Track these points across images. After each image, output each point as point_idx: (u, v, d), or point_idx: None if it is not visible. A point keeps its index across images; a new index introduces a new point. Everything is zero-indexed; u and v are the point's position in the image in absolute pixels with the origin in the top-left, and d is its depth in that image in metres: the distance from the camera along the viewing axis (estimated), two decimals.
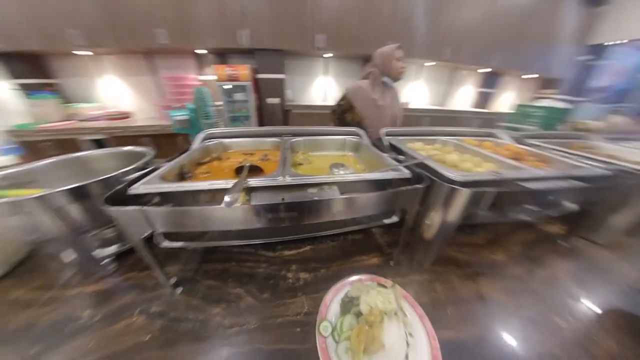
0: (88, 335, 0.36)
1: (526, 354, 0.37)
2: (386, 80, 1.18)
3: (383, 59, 1.14)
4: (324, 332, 0.35)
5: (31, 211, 0.38)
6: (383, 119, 1.20)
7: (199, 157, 0.51)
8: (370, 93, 1.17)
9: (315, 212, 0.33)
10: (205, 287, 0.44)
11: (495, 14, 2.67)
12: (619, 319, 0.43)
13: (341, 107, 1.26)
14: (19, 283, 0.46)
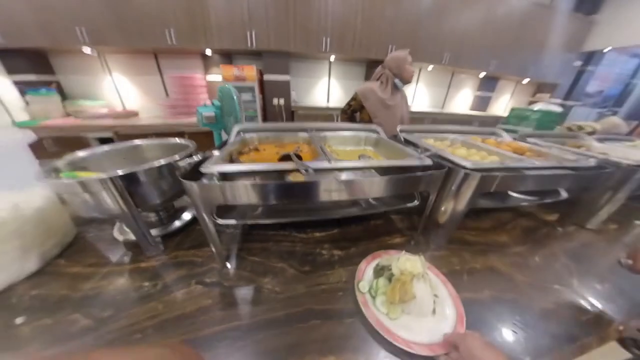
0: (153, 302, 0.41)
1: (528, 309, 0.44)
2: (397, 82, 1.26)
3: (398, 62, 1.22)
4: (362, 289, 0.41)
5: (99, 191, 0.42)
6: (392, 119, 1.27)
7: (239, 147, 0.57)
8: (381, 94, 1.24)
9: (363, 190, 0.39)
10: (251, 262, 0.49)
11: (493, 21, 2.80)
12: (603, 283, 0.52)
13: (351, 107, 1.34)
14: (74, 261, 0.50)
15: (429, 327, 0.36)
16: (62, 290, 0.43)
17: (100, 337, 0.35)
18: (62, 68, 2.52)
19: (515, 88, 3.76)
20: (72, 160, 0.52)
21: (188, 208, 0.64)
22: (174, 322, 0.37)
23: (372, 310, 0.37)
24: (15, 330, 0.37)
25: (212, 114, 0.83)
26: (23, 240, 0.46)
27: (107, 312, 0.39)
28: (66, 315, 0.38)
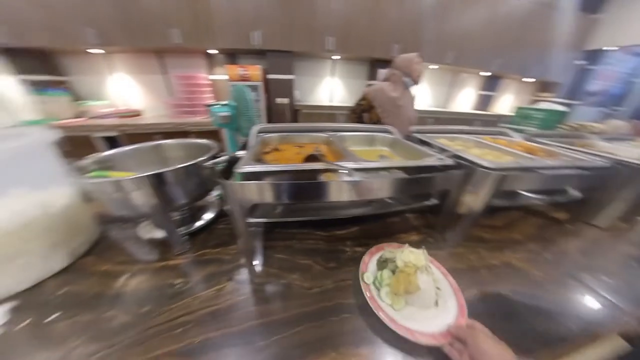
0: (187, 298, 0.42)
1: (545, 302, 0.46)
2: (406, 81, 1.27)
3: (406, 62, 1.25)
4: (367, 280, 0.42)
5: (132, 190, 0.43)
6: (401, 119, 1.28)
7: (261, 148, 0.58)
8: (391, 94, 1.25)
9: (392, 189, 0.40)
10: (277, 260, 0.50)
11: (495, 20, 2.81)
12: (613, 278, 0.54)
13: (360, 107, 1.34)
14: (102, 259, 0.51)
15: (433, 318, 0.37)
16: (95, 288, 0.44)
17: (142, 331, 0.36)
18: (71, 69, 2.52)
19: (518, 87, 3.77)
20: (98, 159, 0.53)
21: (209, 207, 0.65)
22: (211, 317, 0.38)
23: (376, 301, 0.39)
24: (53, 326, 0.38)
25: (228, 114, 0.84)
26: (52, 238, 0.47)
27: (144, 309, 0.40)
28: (103, 312, 0.39)
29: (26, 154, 0.44)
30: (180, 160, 0.64)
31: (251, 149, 0.49)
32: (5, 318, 0.39)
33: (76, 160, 0.50)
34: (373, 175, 0.41)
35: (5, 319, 0.38)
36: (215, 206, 0.67)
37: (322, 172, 0.40)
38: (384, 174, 0.43)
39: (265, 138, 0.63)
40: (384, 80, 1.31)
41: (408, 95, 1.30)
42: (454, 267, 0.53)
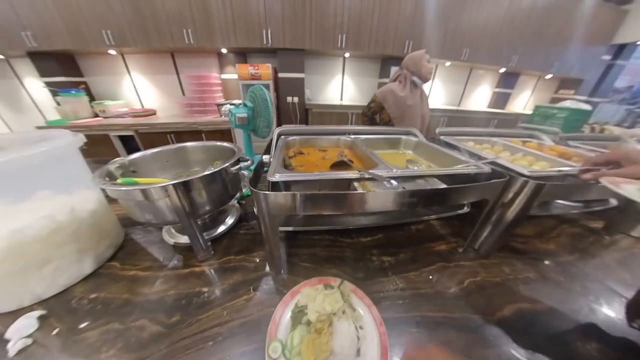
0: (216, 308, 0.40)
1: (590, 319, 0.42)
2: (415, 80, 1.25)
3: (415, 60, 1.22)
4: (273, 354, 0.32)
5: (160, 197, 0.42)
6: (412, 118, 1.27)
7: (286, 151, 0.56)
8: (400, 93, 1.24)
9: (428, 199, 0.38)
10: (303, 268, 0.49)
11: (515, 14, 2.68)
12: None
13: (371, 109, 1.33)
14: (129, 264, 0.51)
15: None
16: (123, 294, 0.44)
17: (173, 343, 0.35)
18: (89, 70, 2.60)
19: (537, 84, 3.61)
20: (122, 164, 0.53)
21: (229, 212, 0.64)
22: (243, 329, 0.37)
23: None
24: (84, 335, 0.37)
25: (245, 115, 0.83)
26: (79, 243, 0.47)
27: (173, 318, 0.39)
28: (133, 321, 0.39)
29: (54, 158, 0.44)
30: (202, 163, 0.64)
31: (277, 153, 0.47)
32: (36, 325, 0.39)
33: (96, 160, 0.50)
34: (410, 184, 0.39)
35: (35, 327, 0.38)
36: (235, 210, 0.66)
37: (356, 180, 0.38)
38: (421, 182, 0.40)
39: (288, 141, 0.61)
40: (392, 80, 1.30)
41: (418, 94, 1.28)
42: (487, 280, 0.50)
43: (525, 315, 0.43)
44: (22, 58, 2.40)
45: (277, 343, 0.33)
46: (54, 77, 2.39)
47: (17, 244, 0.38)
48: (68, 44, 2.14)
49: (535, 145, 0.84)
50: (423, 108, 1.31)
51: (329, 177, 0.37)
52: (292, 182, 0.36)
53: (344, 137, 0.65)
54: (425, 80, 1.25)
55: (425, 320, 0.40)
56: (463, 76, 3.42)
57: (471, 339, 0.38)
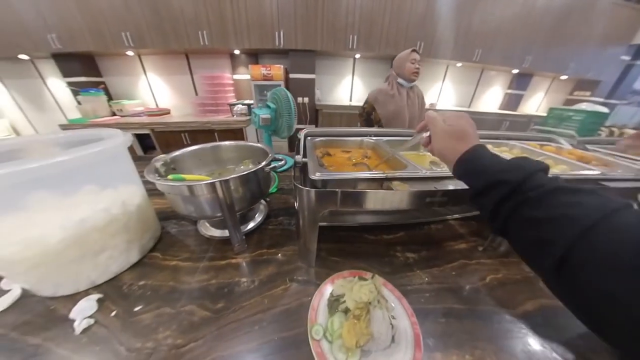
0: (257, 296, 0.44)
1: None
2: (401, 82, 1.27)
3: (399, 62, 1.25)
4: (316, 336, 0.35)
5: (205, 193, 0.46)
6: (399, 120, 1.29)
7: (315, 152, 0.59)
8: (387, 95, 1.26)
9: (456, 198, 0.40)
10: (333, 262, 0.52)
11: (530, 14, 2.64)
12: None
13: (365, 110, 1.38)
14: (169, 255, 0.55)
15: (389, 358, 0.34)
16: (168, 282, 0.48)
17: (222, 327, 0.38)
18: (108, 70, 2.70)
19: (551, 85, 3.54)
20: (165, 161, 0.57)
21: (257, 208, 0.68)
22: (284, 316, 0.40)
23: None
24: (139, 317, 0.41)
25: (269, 116, 0.86)
26: (128, 234, 0.51)
27: (218, 305, 0.42)
28: (182, 306, 0.42)
29: (108, 156, 0.48)
30: (233, 161, 0.68)
31: (309, 153, 0.51)
32: (96, 307, 0.43)
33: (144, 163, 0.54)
34: (439, 184, 0.41)
35: (95, 308, 0.43)
36: (263, 208, 0.69)
37: (388, 180, 0.40)
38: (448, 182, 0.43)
39: (315, 142, 0.64)
40: (385, 82, 1.33)
41: (407, 95, 1.29)
42: (508, 277, 0.52)
43: (547, 309, 0.44)
44: (46, 59, 2.52)
45: (319, 326, 0.37)
46: (76, 77, 2.49)
47: (80, 233, 0.43)
48: (90, 45, 2.23)
49: (554, 149, 0.85)
50: (412, 109, 1.32)
51: (364, 176, 0.40)
52: (330, 181, 0.39)
53: (366, 139, 0.68)
54: (409, 81, 1.26)
55: (451, 311, 0.43)
56: (474, 77, 3.39)
57: (496, 329, 0.40)
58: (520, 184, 0.26)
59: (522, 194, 0.25)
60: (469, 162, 0.32)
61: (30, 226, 0.39)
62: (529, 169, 0.26)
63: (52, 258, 0.41)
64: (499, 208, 0.27)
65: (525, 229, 0.25)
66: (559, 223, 0.21)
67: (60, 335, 0.38)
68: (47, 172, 0.37)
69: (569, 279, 0.20)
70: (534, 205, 0.24)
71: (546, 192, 0.24)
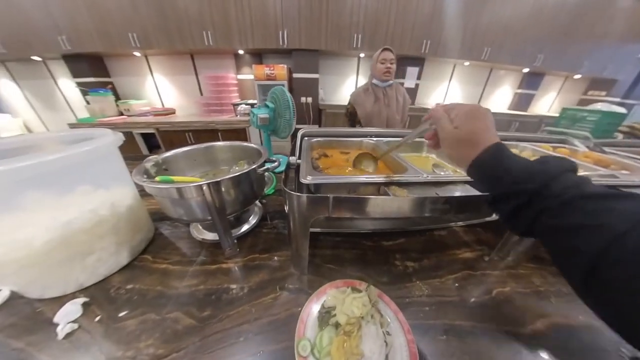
0: (245, 305, 0.42)
1: None
2: (375, 82, 1.27)
3: (372, 63, 1.25)
4: (302, 352, 0.33)
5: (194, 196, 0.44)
6: (376, 120, 1.29)
7: (311, 153, 0.57)
8: (364, 97, 1.27)
9: (460, 206, 0.37)
10: (328, 270, 0.49)
11: (542, 11, 2.54)
12: None
13: (349, 110, 1.39)
14: (160, 258, 0.53)
15: None
16: (156, 286, 0.46)
17: (206, 337, 0.36)
18: (116, 70, 2.75)
19: (563, 85, 3.41)
20: (157, 162, 0.56)
21: (251, 210, 0.66)
22: (271, 327, 0.38)
23: None
24: (123, 323, 0.40)
25: (267, 116, 0.84)
26: (118, 236, 0.50)
27: (205, 312, 0.40)
28: (168, 312, 0.41)
29: (98, 156, 0.47)
30: (227, 162, 0.66)
31: (304, 155, 0.48)
32: (80, 312, 0.42)
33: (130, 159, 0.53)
34: (442, 189, 0.38)
35: (80, 313, 0.41)
36: (257, 210, 0.67)
37: (386, 185, 0.38)
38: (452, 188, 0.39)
39: (312, 143, 0.62)
40: None
41: (383, 94, 1.27)
42: (516, 291, 0.48)
43: (560, 329, 0.41)
44: (57, 60, 2.58)
45: (306, 342, 0.34)
46: (85, 78, 2.55)
47: (66, 235, 0.42)
48: (98, 46, 2.28)
49: (567, 152, 0.80)
50: (390, 109, 1.30)
51: (359, 180, 0.37)
52: (323, 185, 0.37)
53: (366, 140, 0.65)
54: (381, 80, 1.25)
55: (453, 328, 0.39)
56: (482, 77, 3.29)
57: (503, 350, 0.37)
58: (539, 191, 0.23)
59: (541, 202, 0.23)
60: (481, 169, 0.29)
61: (18, 228, 0.38)
62: (552, 173, 0.23)
63: (39, 260, 0.40)
64: (519, 213, 0.25)
65: (550, 236, 0.22)
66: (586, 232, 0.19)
67: (43, 340, 0.37)
68: (34, 172, 0.36)
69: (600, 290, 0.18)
70: (556, 214, 0.22)
71: (570, 199, 0.21)
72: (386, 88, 1.28)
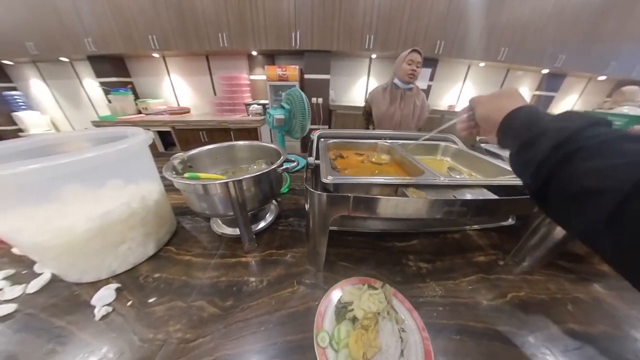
0: (264, 297, 0.44)
1: None
2: (397, 82, 1.23)
3: (398, 61, 1.21)
4: (321, 343, 0.34)
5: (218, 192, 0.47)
6: (389, 121, 1.26)
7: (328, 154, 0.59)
8: (381, 96, 1.25)
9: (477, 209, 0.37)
10: (342, 268, 0.51)
11: (564, 7, 2.43)
12: None
13: (365, 109, 1.38)
14: (183, 250, 0.57)
15: None
16: (181, 276, 0.49)
17: (230, 325, 0.39)
18: (136, 71, 2.88)
19: (586, 87, 3.26)
20: (182, 159, 0.59)
21: (267, 208, 0.69)
22: (290, 319, 0.40)
23: None
24: (153, 309, 0.43)
25: (283, 116, 0.87)
26: (146, 228, 0.53)
27: (227, 302, 0.43)
28: (193, 301, 0.44)
29: (131, 153, 0.51)
30: (246, 161, 0.69)
31: (322, 155, 0.50)
32: (114, 296, 0.45)
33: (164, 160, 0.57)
34: (459, 192, 0.39)
35: (114, 297, 0.45)
36: (273, 208, 0.70)
37: (404, 187, 0.39)
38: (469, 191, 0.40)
39: (329, 144, 0.63)
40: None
41: (401, 96, 1.24)
42: (531, 296, 0.48)
43: (576, 335, 0.40)
44: (82, 61, 2.73)
45: (325, 333, 0.36)
46: (107, 78, 2.69)
47: (104, 225, 0.45)
48: (121, 47, 2.39)
49: None
50: (405, 112, 1.27)
51: (377, 181, 0.39)
52: (342, 185, 0.38)
53: (381, 142, 0.66)
54: (404, 82, 1.22)
55: (467, 329, 0.40)
56: (498, 78, 3.20)
57: (517, 353, 0.37)
58: (579, 131, 0.22)
59: (579, 142, 0.21)
60: (517, 117, 0.30)
61: (62, 217, 0.42)
62: (592, 120, 0.23)
63: (78, 247, 0.44)
64: (546, 161, 0.23)
65: (573, 181, 0.21)
66: (618, 170, 0.18)
67: (82, 320, 0.41)
68: (78, 167, 0.40)
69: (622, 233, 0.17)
70: (591, 154, 0.20)
71: (608, 140, 0.20)
72: (406, 90, 1.25)
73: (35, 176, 0.36)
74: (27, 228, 0.40)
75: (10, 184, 0.36)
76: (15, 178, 0.34)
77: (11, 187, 0.36)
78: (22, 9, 2.25)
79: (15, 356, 0.36)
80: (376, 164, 0.57)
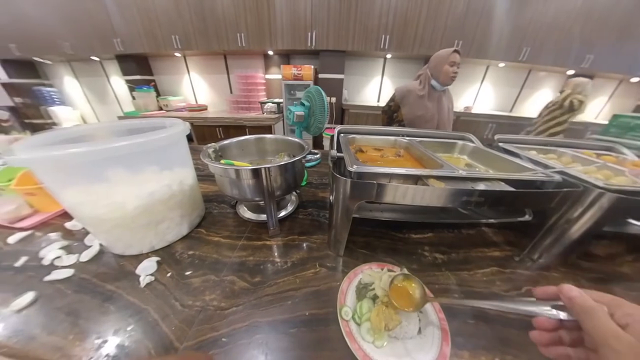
0: (289, 275, 0.48)
1: None
2: (434, 84, 1.15)
3: (436, 61, 1.12)
4: (345, 316, 0.38)
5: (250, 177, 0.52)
6: (427, 124, 1.19)
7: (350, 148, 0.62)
8: (418, 94, 1.16)
9: (496, 200, 0.39)
10: (361, 254, 0.54)
11: (592, 6, 2.32)
12: None
13: (391, 108, 1.28)
14: (212, 232, 0.62)
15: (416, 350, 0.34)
16: (213, 254, 0.54)
17: (259, 297, 0.43)
18: (158, 69, 3.04)
19: (616, 89, 3.08)
20: (215, 148, 0.65)
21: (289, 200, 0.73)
22: (314, 296, 0.43)
23: (357, 342, 0.35)
24: (190, 280, 0.48)
25: (302, 113, 0.91)
26: (182, 210, 0.59)
27: (256, 279, 0.47)
28: (225, 276, 0.48)
29: (171, 141, 0.56)
30: (270, 154, 0.74)
31: (345, 148, 0.53)
32: (155, 267, 0.51)
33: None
34: (477, 185, 0.41)
35: (155, 268, 0.50)
36: (294, 198, 0.74)
37: (425, 177, 0.41)
38: (488, 184, 0.42)
39: (349, 139, 0.67)
40: (415, 79, 1.23)
41: (437, 97, 1.18)
42: None
43: None
44: (111, 60, 2.92)
45: (347, 308, 0.39)
46: (132, 76, 2.85)
47: (149, 203, 0.51)
48: (145, 47, 2.53)
49: (614, 159, 0.75)
50: (441, 115, 1.21)
51: (399, 172, 0.42)
52: (366, 174, 0.42)
53: (399, 138, 0.68)
54: (444, 85, 1.15)
55: (482, 314, 0.41)
56: (519, 79, 3.09)
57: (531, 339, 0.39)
58: None
59: None
60: None
61: (113, 194, 0.48)
62: None
63: (128, 222, 0.50)
64: None
65: None
66: None
67: (129, 286, 0.46)
68: (126, 152, 0.45)
69: None
70: None
71: None
72: (441, 92, 1.19)
73: (88, 157, 0.40)
74: (87, 202, 0.46)
75: (69, 163, 0.41)
76: (74, 157, 0.39)
77: (71, 167, 0.42)
78: (59, 12, 2.44)
79: (77, 310, 0.41)
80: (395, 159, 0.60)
